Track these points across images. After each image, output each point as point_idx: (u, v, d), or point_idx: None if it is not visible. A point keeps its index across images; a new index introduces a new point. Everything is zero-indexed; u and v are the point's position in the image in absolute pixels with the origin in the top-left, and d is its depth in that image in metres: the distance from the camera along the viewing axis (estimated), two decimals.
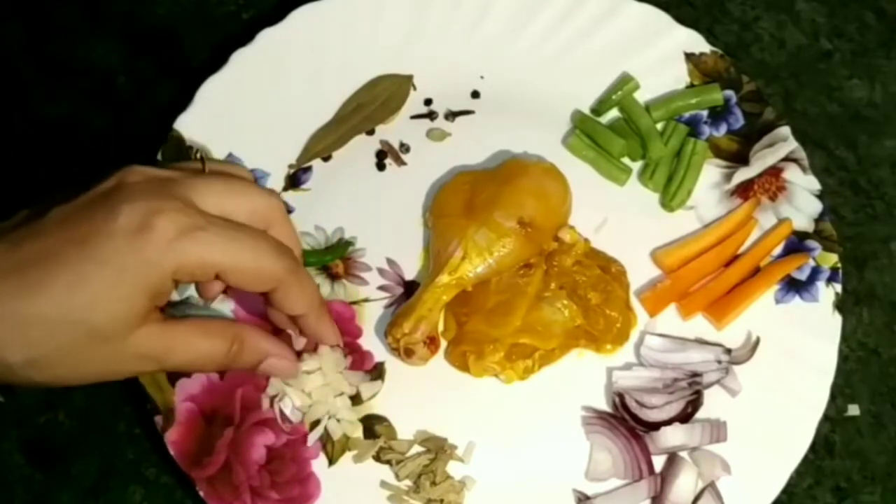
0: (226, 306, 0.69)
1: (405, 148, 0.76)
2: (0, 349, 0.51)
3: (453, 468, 0.67)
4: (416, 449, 0.67)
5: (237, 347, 0.59)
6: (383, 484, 0.66)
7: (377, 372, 0.70)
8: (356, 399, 0.68)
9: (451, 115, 0.76)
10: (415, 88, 0.77)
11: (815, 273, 0.72)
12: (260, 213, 0.58)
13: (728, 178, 0.75)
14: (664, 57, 0.77)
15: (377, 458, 0.67)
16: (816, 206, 0.73)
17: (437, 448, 0.67)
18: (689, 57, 0.77)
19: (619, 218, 0.74)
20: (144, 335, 0.54)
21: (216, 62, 0.75)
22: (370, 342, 0.70)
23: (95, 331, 0.52)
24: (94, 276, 0.52)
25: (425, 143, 0.76)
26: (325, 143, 0.74)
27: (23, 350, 0.52)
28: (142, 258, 0.52)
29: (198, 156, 0.60)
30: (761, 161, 0.75)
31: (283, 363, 0.62)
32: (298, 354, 0.67)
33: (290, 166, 0.74)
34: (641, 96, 0.76)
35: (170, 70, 0.80)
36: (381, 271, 0.72)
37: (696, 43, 0.77)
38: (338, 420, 0.67)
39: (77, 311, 0.52)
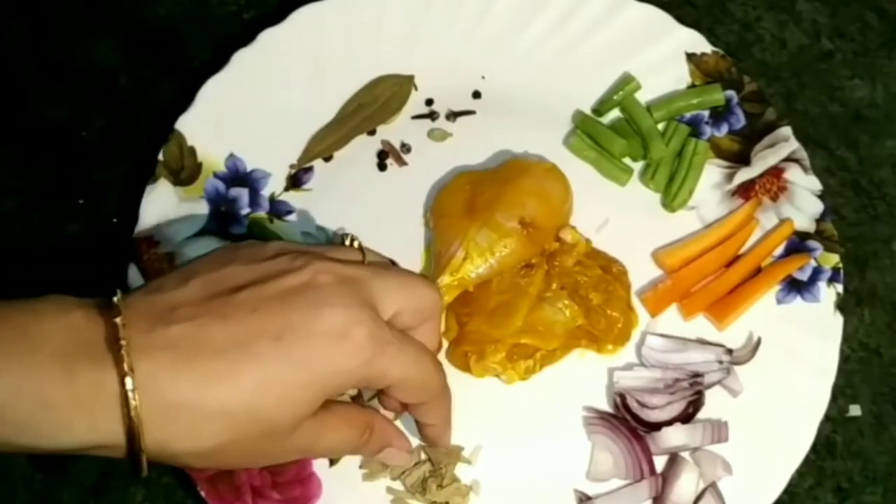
0: None
1: (406, 148, 0.76)
2: (171, 440, 0.49)
3: (458, 469, 0.67)
4: (422, 456, 0.67)
5: (368, 436, 0.59)
6: (388, 489, 0.66)
7: None
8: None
9: (453, 116, 0.76)
10: (416, 89, 0.77)
11: (816, 273, 0.72)
12: (426, 308, 0.59)
13: (729, 178, 0.75)
14: (665, 57, 0.77)
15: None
16: (818, 207, 0.73)
17: (444, 456, 0.66)
18: (691, 57, 0.77)
19: (621, 218, 0.74)
20: (306, 427, 0.54)
21: (217, 62, 0.75)
22: None
23: (272, 429, 0.52)
24: (286, 378, 0.51)
25: (426, 144, 0.76)
26: (326, 143, 0.74)
27: (195, 441, 0.50)
28: (335, 365, 0.52)
29: (355, 244, 0.61)
30: (762, 161, 0.75)
31: (401, 454, 0.63)
32: None
33: (292, 166, 0.74)
34: (643, 96, 0.76)
35: (171, 70, 0.80)
36: None
37: (698, 43, 0.77)
38: None
39: (261, 410, 0.50)
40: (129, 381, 0.47)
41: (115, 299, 0.50)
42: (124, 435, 0.48)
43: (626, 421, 0.67)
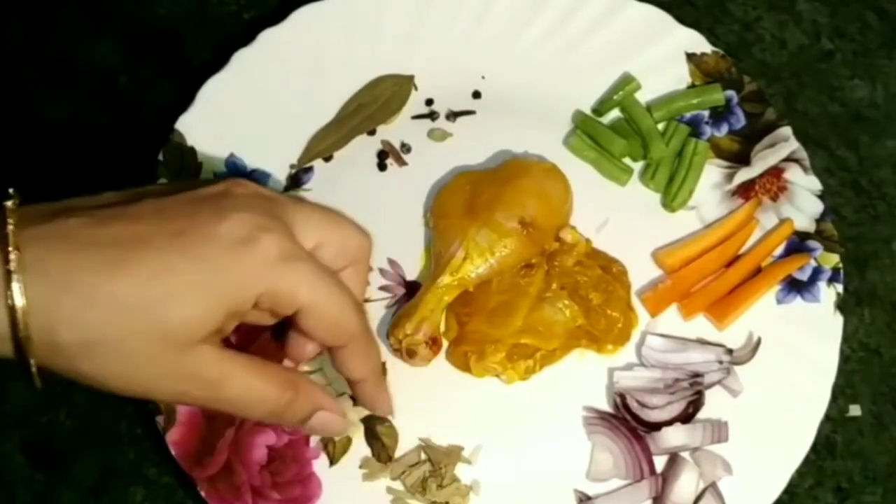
0: None
1: (406, 148, 0.75)
2: (57, 326, 0.46)
3: (458, 469, 0.67)
4: (422, 456, 0.67)
5: (291, 395, 0.54)
6: (388, 489, 0.66)
7: None
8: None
9: (453, 116, 0.76)
10: (416, 89, 0.77)
11: (816, 273, 0.72)
12: (351, 249, 0.56)
13: (729, 178, 0.75)
14: (665, 57, 0.77)
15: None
16: (818, 207, 0.73)
17: (444, 455, 0.66)
18: (691, 57, 0.77)
19: (621, 218, 0.74)
20: (205, 354, 0.50)
21: (217, 62, 0.75)
22: None
23: (162, 329, 0.48)
24: (182, 270, 0.48)
25: (426, 144, 0.76)
26: (326, 143, 0.74)
27: (81, 330, 0.46)
28: (238, 269, 0.49)
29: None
30: (762, 161, 0.75)
31: (334, 418, 0.57)
32: None
33: (292, 166, 0.74)
34: (643, 96, 0.76)
35: (171, 70, 0.80)
36: (382, 272, 0.72)
37: (698, 43, 0.77)
38: None
39: (153, 301, 0.47)
40: (13, 260, 0.45)
41: (10, 190, 0.49)
42: (7, 319, 0.46)
43: (626, 421, 0.67)
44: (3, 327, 0.46)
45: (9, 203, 0.48)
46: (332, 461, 0.67)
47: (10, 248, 0.46)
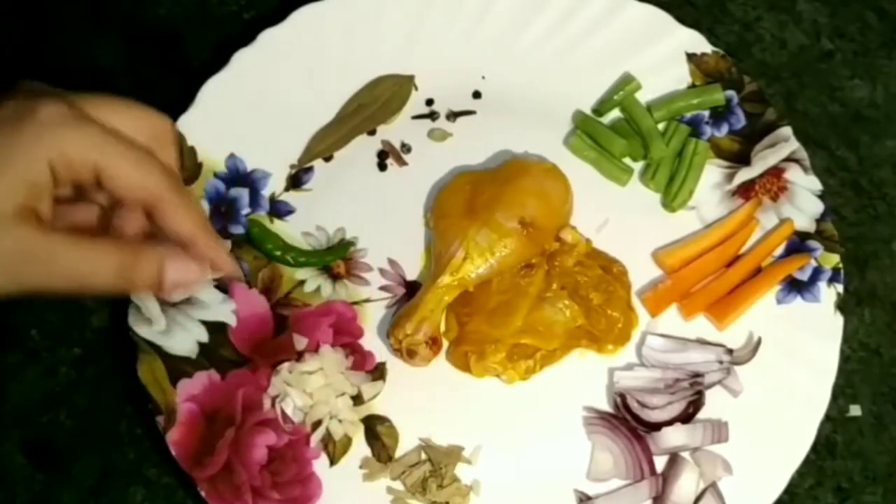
0: (227, 307, 0.69)
1: (406, 148, 0.75)
2: None
3: (458, 469, 0.67)
4: (423, 455, 0.67)
5: (131, 257, 0.52)
6: (388, 489, 0.66)
7: (378, 372, 0.69)
8: (358, 399, 0.68)
9: (453, 116, 0.76)
10: (416, 89, 0.77)
11: (816, 273, 0.72)
12: (148, 131, 0.54)
13: (729, 178, 0.75)
14: (666, 57, 0.77)
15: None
16: (818, 207, 0.73)
17: (445, 455, 0.66)
18: (691, 57, 0.77)
19: (621, 218, 0.74)
20: (23, 231, 0.50)
21: (217, 62, 0.75)
22: (372, 343, 0.70)
23: None
24: None
25: (427, 144, 0.76)
26: (326, 143, 0.74)
27: None
28: (19, 140, 0.50)
29: None
30: (763, 161, 0.75)
31: (186, 266, 0.54)
32: (300, 355, 0.68)
33: (292, 166, 0.74)
34: (643, 96, 0.76)
35: (171, 70, 0.80)
36: (382, 272, 0.72)
37: (698, 43, 0.77)
38: (339, 420, 0.67)
39: None
40: None
41: None
42: None
43: (626, 421, 0.67)
44: None
45: None
46: (333, 461, 0.67)
47: None
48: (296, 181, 0.74)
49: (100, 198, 0.55)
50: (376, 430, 0.68)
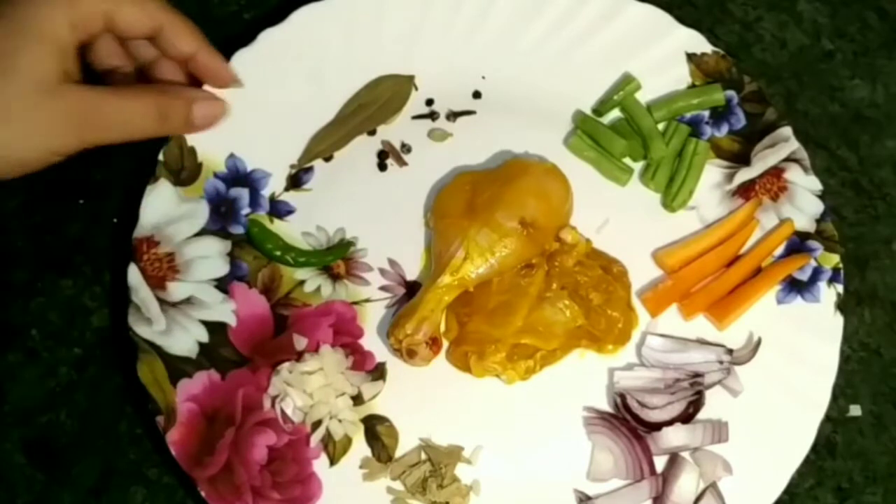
0: (227, 307, 0.69)
1: (406, 148, 0.75)
2: None
3: (458, 469, 0.67)
4: (423, 455, 0.67)
5: (165, 101, 0.64)
6: (388, 489, 0.66)
7: (378, 372, 0.69)
8: (358, 399, 0.68)
9: (453, 116, 0.76)
10: (416, 89, 0.77)
11: (816, 273, 0.72)
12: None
13: (729, 178, 0.75)
14: (666, 57, 0.77)
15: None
16: (818, 207, 0.73)
17: (445, 456, 0.66)
18: (691, 57, 0.77)
19: (621, 218, 0.74)
20: (71, 89, 0.60)
21: None
22: (372, 343, 0.70)
23: (24, 78, 0.58)
24: (7, 31, 0.58)
25: (427, 144, 0.76)
26: (326, 143, 0.74)
27: None
28: (37, 10, 0.59)
29: None
30: (763, 161, 0.75)
31: (212, 102, 0.68)
32: (300, 355, 0.68)
33: (292, 166, 0.74)
34: (643, 96, 0.76)
35: None
36: (382, 272, 0.72)
37: (698, 43, 0.77)
38: (339, 420, 0.67)
39: (7, 67, 0.58)
40: None
41: None
42: None
43: (626, 421, 0.67)
44: None
45: None
46: (333, 461, 0.67)
47: None
48: (296, 181, 0.74)
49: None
50: (376, 430, 0.68)
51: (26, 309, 0.72)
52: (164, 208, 0.71)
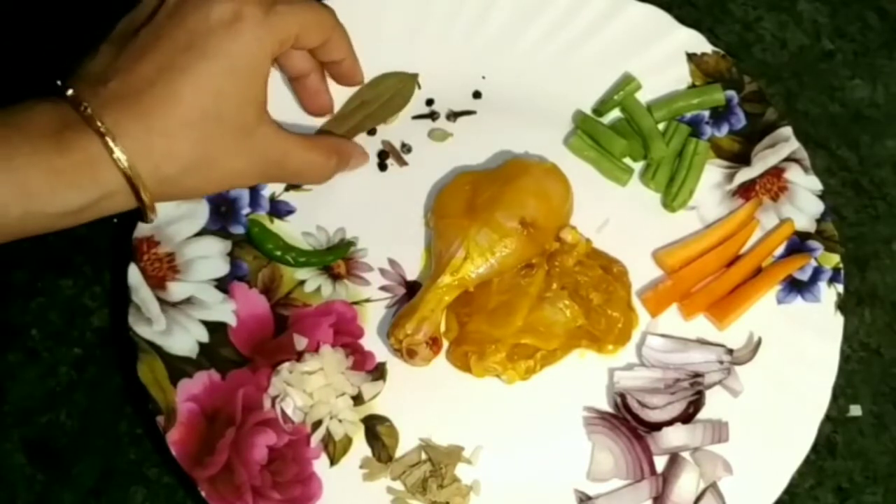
0: (228, 307, 0.69)
1: (407, 148, 0.76)
2: (157, 163, 0.59)
3: (458, 469, 0.67)
4: (423, 455, 0.67)
5: (336, 159, 0.69)
6: (389, 489, 0.66)
7: (379, 372, 0.69)
8: (358, 399, 0.68)
9: (453, 116, 0.76)
10: (419, 87, 0.77)
11: (816, 273, 0.72)
12: (325, 26, 0.67)
13: (730, 178, 0.75)
14: (666, 57, 0.77)
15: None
16: (818, 207, 0.73)
17: (445, 456, 0.66)
18: (691, 57, 0.77)
19: (621, 218, 0.74)
20: (268, 132, 0.64)
21: None
22: (372, 343, 0.70)
23: (234, 123, 0.61)
24: (211, 72, 0.59)
25: (427, 144, 0.76)
26: None
27: (176, 159, 0.59)
28: (244, 44, 0.60)
29: None
30: (763, 161, 0.75)
31: (362, 155, 0.73)
32: (300, 355, 0.68)
33: None
34: (643, 96, 0.76)
35: None
36: (382, 272, 0.72)
37: (698, 43, 0.77)
38: (340, 420, 0.67)
39: (210, 106, 0.60)
40: (102, 128, 0.57)
41: (59, 82, 0.59)
42: (121, 175, 0.58)
43: (626, 421, 0.67)
44: (119, 183, 0.58)
45: (69, 91, 0.58)
46: (333, 461, 0.67)
47: (99, 124, 0.57)
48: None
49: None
50: (376, 430, 0.68)
51: (26, 309, 0.72)
52: (164, 208, 0.70)
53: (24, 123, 0.57)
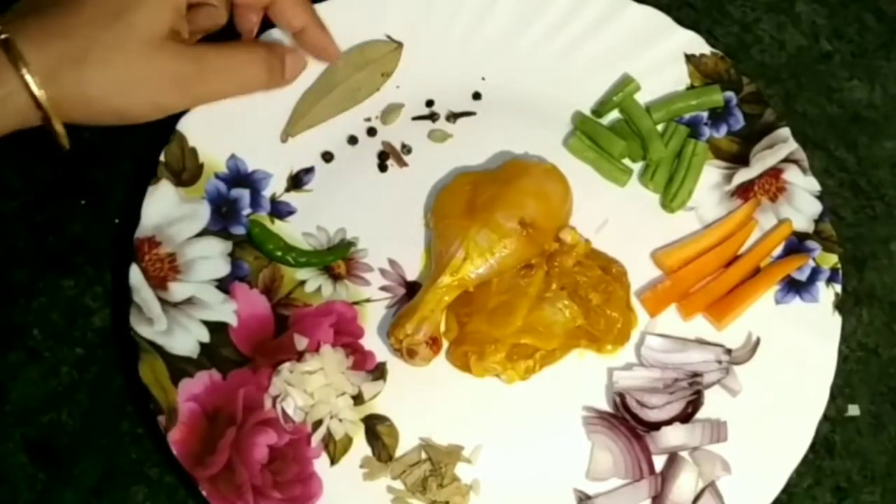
0: (228, 307, 0.70)
1: (407, 149, 0.76)
2: (55, 64, 0.59)
3: (458, 469, 0.67)
4: (423, 455, 0.67)
5: (272, 56, 0.68)
6: (389, 488, 0.66)
7: (379, 372, 0.70)
8: (358, 399, 0.68)
9: (453, 117, 0.77)
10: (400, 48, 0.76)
11: (815, 273, 0.72)
12: None
13: (728, 179, 0.75)
14: (665, 58, 0.77)
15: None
16: (816, 207, 0.74)
17: (445, 455, 0.67)
18: (690, 58, 0.77)
19: (620, 219, 0.74)
20: (175, 47, 0.63)
21: None
22: (372, 342, 0.70)
23: (133, 34, 0.60)
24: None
25: (427, 145, 0.76)
26: (313, 107, 0.74)
27: (73, 62, 0.59)
28: None
29: None
30: (761, 162, 0.75)
31: (298, 55, 0.71)
32: (300, 355, 0.68)
33: (282, 136, 0.74)
34: (642, 97, 0.77)
35: None
36: (382, 272, 0.72)
37: (697, 44, 0.77)
38: (340, 420, 0.67)
39: (108, 12, 0.60)
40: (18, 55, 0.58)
41: None
42: (17, 76, 0.58)
43: (625, 421, 0.68)
44: (19, 85, 0.58)
45: None
46: (333, 461, 0.67)
47: (15, 50, 0.58)
48: (296, 182, 0.74)
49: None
50: (377, 430, 0.68)
51: (28, 309, 0.72)
52: (165, 209, 0.71)
53: None
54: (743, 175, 0.75)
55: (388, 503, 0.66)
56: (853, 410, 0.72)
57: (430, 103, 0.77)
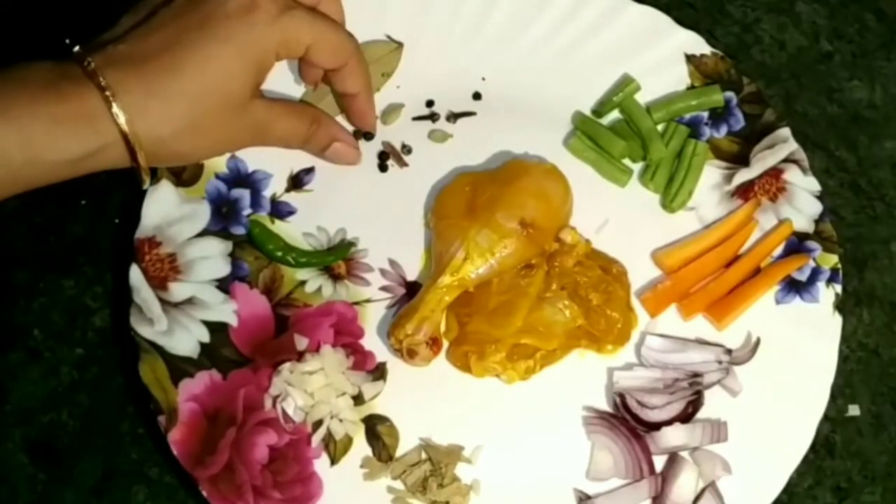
0: (229, 307, 0.70)
1: (407, 149, 0.76)
2: (153, 124, 0.61)
3: (458, 469, 0.67)
4: (423, 455, 0.67)
5: (315, 127, 0.71)
6: (389, 488, 0.66)
7: (379, 372, 0.70)
8: (358, 399, 0.68)
9: (453, 117, 0.77)
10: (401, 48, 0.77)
11: (815, 274, 0.72)
12: (341, 50, 0.68)
13: (728, 179, 0.75)
14: (665, 58, 0.77)
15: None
16: (817, 207, 0.74)
17: (445, 455, 0.67)
18: (690, 58, 0.77)
19: (620, 219, 0.74)
20: (258, 105, 0.67)
21: None
22: (372, 343, 0.70)
23: (227, 98, 0.64)
24: (219, 53, 0.62)
25: (427, 145, 0.76)
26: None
27: (171, 122, 0.62)
28: (254, 34, 0.63)
29: None
30: (762, 162, 0.75)
31: (348, 149, 0.73)
32: (301, 355, 0.68)
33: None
34: (642, 98, 0.77)
35: None
36: (383, 272, 0.72)
37: (697, 44, 0.77)
38: (340, 420, 0.67)
39: (211, 82, 0.63)
40: (103, 83, 0.60)
41: (67, 41, 0.62)
42: (118, 129, 0.60)
43: (625, 421, 0.68)
44: (117, 137, 0.61)
45: (76, 48, 0.61)
46: (333, 461, 0.67)
47: (101, 80, 0.60)
48: (297, 182, 0.74)
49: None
50: (377, 430, 0.68)
51: (28, 309, 0.72)
52: (165, 209, 0.71)
53: (22, 76, 0.59)
54: (743, 175, 0.75)
55: (389, 503, 0.66)
56: (854, 410, 0.72)
57: (430, 103, 0.77)
